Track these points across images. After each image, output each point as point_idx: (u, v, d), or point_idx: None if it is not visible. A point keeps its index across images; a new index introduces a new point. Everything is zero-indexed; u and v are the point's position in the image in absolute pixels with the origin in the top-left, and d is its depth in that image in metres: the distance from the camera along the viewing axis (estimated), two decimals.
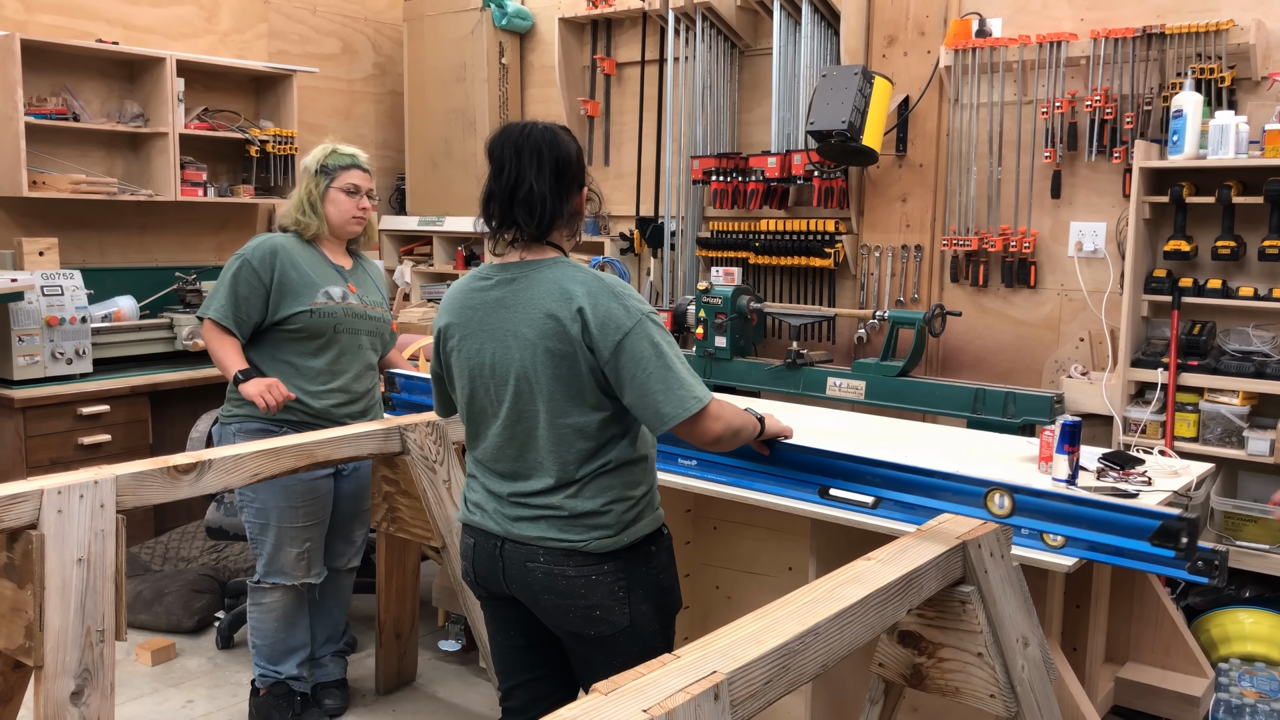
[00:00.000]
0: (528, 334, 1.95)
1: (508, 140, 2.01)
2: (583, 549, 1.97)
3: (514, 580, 2.04)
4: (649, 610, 2.04)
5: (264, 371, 2.98)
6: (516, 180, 1.98)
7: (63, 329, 4.07)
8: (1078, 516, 2.15)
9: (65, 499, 2.10)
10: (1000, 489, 2.24)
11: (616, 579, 1.99)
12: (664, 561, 2.09)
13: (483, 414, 2.06)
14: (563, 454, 1.97)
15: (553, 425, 1.96)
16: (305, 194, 3.07)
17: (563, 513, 1.98)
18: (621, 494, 2.01)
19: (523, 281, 1.99)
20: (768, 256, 4.42)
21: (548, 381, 1.94)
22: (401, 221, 5.79)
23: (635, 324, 1.91)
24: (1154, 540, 2.04)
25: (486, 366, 2.01)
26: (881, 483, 2.42)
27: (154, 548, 4.24)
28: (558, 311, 1.93)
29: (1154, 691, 2.87)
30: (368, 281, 3.21)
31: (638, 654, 1.85)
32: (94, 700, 2.14)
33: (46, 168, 4.44)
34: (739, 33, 4.57)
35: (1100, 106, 3.62)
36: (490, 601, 2.16)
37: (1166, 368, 3.40)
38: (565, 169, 2.01)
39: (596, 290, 1.94)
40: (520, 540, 2.01)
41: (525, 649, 2.16)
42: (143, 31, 4.85)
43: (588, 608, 1.98)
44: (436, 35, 5.50)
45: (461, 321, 2.05)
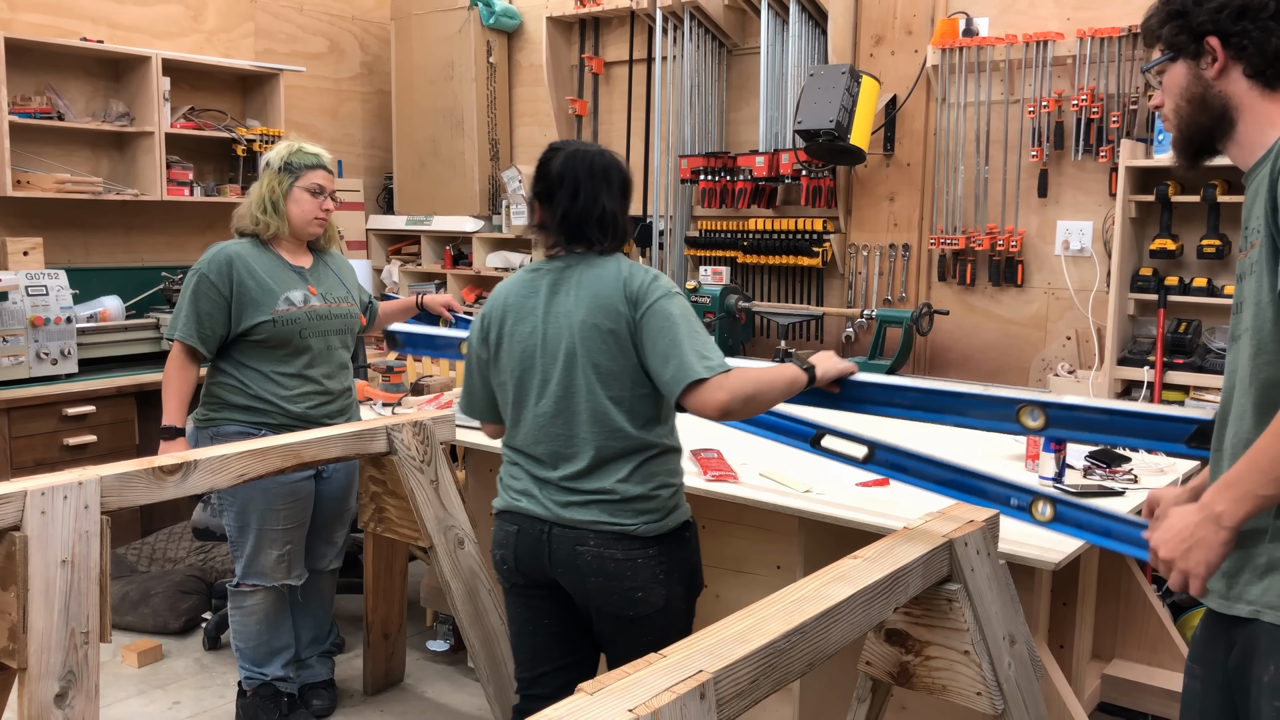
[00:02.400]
0: (578, 312, 2.12)
1: (580, 163, 2.19)
2: (632, 532, 2.10)
3: (561, 564, 2.14)
4: (681, 591, 2.18)
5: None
6: (592, 201, 2.17)
7: (48, 329, 4.04)
8: (1112, 425, 2.08)
9: (49, 500, 2.08)
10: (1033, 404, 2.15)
11: (659, 562, 2.13)
12: (694, 546, 2.25)
13: (527, 396, 2.18)
14: (605, 426, 2.10)
15: (596, 398, 2.10)
16: (267, 192, 3.00)
17: (614, 497, 2.10)
18: (666, 480, 2.17)
19: (574, 269, 2.17)
20: (756, 255, 4.43)
21: (595, 355, 2.10)
22: (389, 221, 5.78)
23: (663, 294, 2.09)
24: (1190, 442, 1.99)
25: (538, 346, 2.16)
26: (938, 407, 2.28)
27: (140, 549, 4.22)
28: (606, 290, 2.11)
29: (1140, 688, 2.88)
30: (330, 278, 3.13)
31: (663, 632, 2.03)
32: (78, 702, 2.13)
33: (31, 167, 4.41)
34: (727, 32, 4.57)
35: (1086, 106, 3.63)
36: (524, 590, 2.24)
37: (1152, 366, 3.41)
38: (628, 189, 2.25)
39: (639, 271, 2.14)
40: (570, 524, 2.12)
41: (558, 637, 2.25)
42: (128, 30, 4.82)
43: (631, 589, 2.11)
44: (424, 34, 5.48)
45: (516, 307, 2.21)
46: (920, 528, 1.91)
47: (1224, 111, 1.57)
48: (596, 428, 2.11)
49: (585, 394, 2.11)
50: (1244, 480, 1.42)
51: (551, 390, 2.14)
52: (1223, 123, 1.58)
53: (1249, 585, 1.51)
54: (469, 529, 2.91)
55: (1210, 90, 1.58)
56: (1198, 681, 1.65)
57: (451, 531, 2.87)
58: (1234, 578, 1.53)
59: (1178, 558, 1.47)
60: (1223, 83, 1.57)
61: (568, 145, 2.23)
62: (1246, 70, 1.55)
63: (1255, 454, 1.42)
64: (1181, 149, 1.66)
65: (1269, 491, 1.40)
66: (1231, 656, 1.54)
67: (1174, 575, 1.48)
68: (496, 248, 5.39)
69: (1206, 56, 1.57)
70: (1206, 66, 1.57)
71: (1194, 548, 1.45)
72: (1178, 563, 1.47)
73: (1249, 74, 1.54)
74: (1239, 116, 1.56)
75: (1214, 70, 1.56)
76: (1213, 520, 1.44)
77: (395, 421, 2.86)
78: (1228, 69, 1.56)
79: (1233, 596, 1.53)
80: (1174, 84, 1.62)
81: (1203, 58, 1.57)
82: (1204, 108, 1.59)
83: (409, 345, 3.36)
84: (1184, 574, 1.47)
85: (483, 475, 3.41)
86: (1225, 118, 1.57)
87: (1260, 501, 1.41)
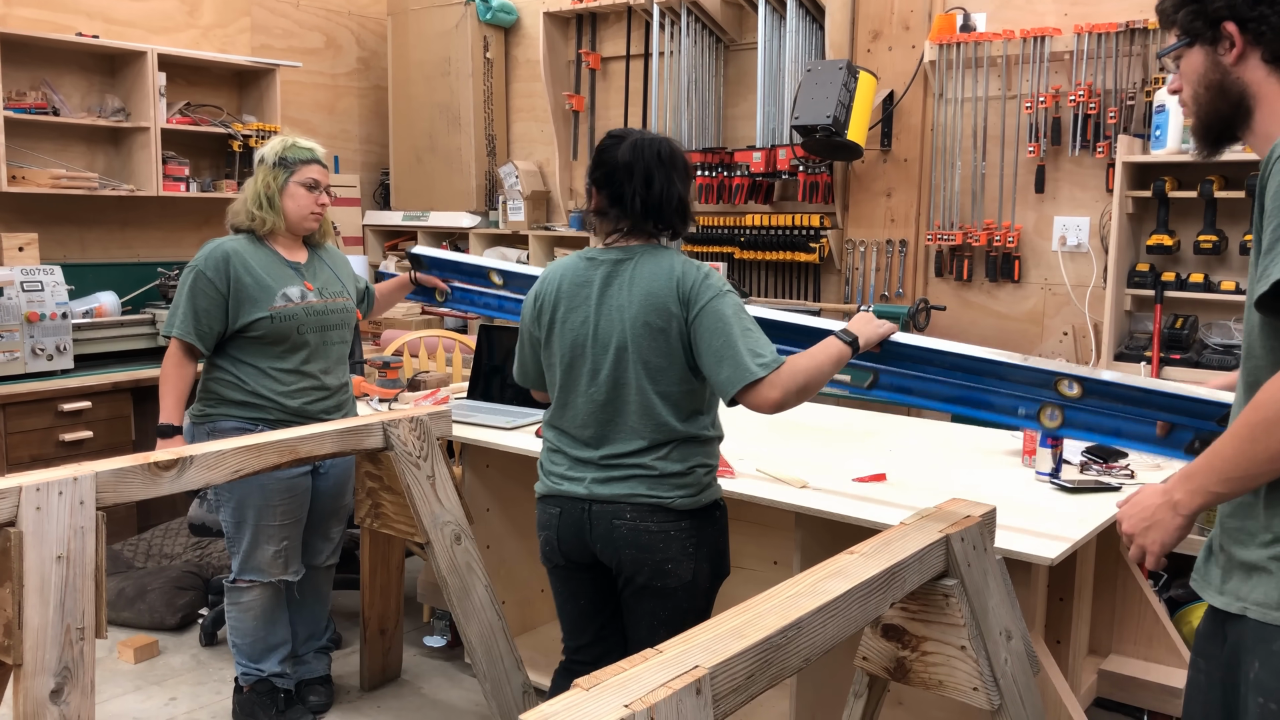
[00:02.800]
0: (630, 308, 2.19)
1: (649, 152, 2.23)
2: (667, 505, 2.20)
3: (600, 538, 2.24)
4: (708, 570, 2.27)
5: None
6: (664, 187, 2.22)
7: (43, 325, 4.04)
8: (1148, 401, 2.13)
9: (44, 496, 2.08)
10: (1071, 377, 2.20)
11: (689, 536, 2.22)
12: (724, 527, 2.34)
13: (576, 382, 2.26)
14: (652, 419, 2.19)
15: (644, 393, 2.19)
16: (262, 187, 2.99)
17: (653, 472, 2.20)
18: (703, 460, 2.25)
19: (629, 264, 2.23)
20: (753, 251, 4.42)
21: (645, 352, 2.18)
22: (386, 216, 5.77)
23: (716, 294, 2.15)
24: (1221, 423, 2.03)
25: (589, 337, 2.23)
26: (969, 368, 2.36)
27: (137, 545, 4.22)
28: (659, 289, 2.17)
29: (1137, 683, 2.88)
30: (326, 272, 3.12)
31: (686, 610, 2.22)
32: (74, 698, 2.13)
33: (26, 162, 4.40)
34: (724, 27, 4.57)
35: (1084, 101, 3.63)
36: (565, 570, 2.36)
37: (1149, 361, 3.41)
38: (689, 175, 2.31)
39: (691, 269, 2.19)
40: (609, 500, 2.22)
41: (593, 614, 2.39)
42: (123, 25, 4.81)
43: (662, 560, 2.21)
44: (421, 29, 5.47)
45: (569, 294, 2.27)
46: (917, 523, 1.91)
47: (1241, 99, 1.53)
48: (644, 419, 2.20)
49: (635, 388, 2.19)
50: (1200, 474, 1.49)
51: (602, 381, 2.22)
52: (1240, 110, 1.54)
53: (1240, 583, 1.52)
54: (466, 525, 2.91)
55: (1229, 77, 1.54)
56: (1201, 674, 1.66)
57: (448, 527, 2.86)
58: (1227, 574, 1.54)
59: (1137, 534, 1.57)
60: (1241, 69, 1.52)
61: (630, 133, 2.27)
62: (1265, 56, 1.50)
63: (1213, 452, 1.47)
64: (1201, 136, 1.62)
65: (1221, 490, 1.47)
66: (1224, 651, 1.55)
67: (1133, 549, 1.59)
68: (493, 243, 5.39)
69: (1224, 42, 1.52)
70: (1224, 52, 1.53)
71: (1152, 527, 1.55)
72: (1137, 538, 1.58)
73: (1267, 59, 1.50)
74: (1256, 105, 1.52)
75: (1232, 56, 1.52)
76: (1170, 506, 1.52)
77: (392, 417, 2.86)
78: (1246, 55, 1.51)
79: (1226, 592, 1.54)
80: (1191, 70, 1.58)
81: (1220, 43, 1.53)
82: (1222, 94, 1.55)
83: (437, 268, 3.37)
84: (1141, 549, 1.58)
85: (479, 471, 3.41)
86: (1243, 106, 1.53)
87: (1213, 497, 1.49)
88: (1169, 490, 1.53)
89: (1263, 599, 1.47)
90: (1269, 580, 1.47)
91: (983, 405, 2.35)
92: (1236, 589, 1.52)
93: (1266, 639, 1.47)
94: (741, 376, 2.09)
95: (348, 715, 3.25)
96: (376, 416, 2.89)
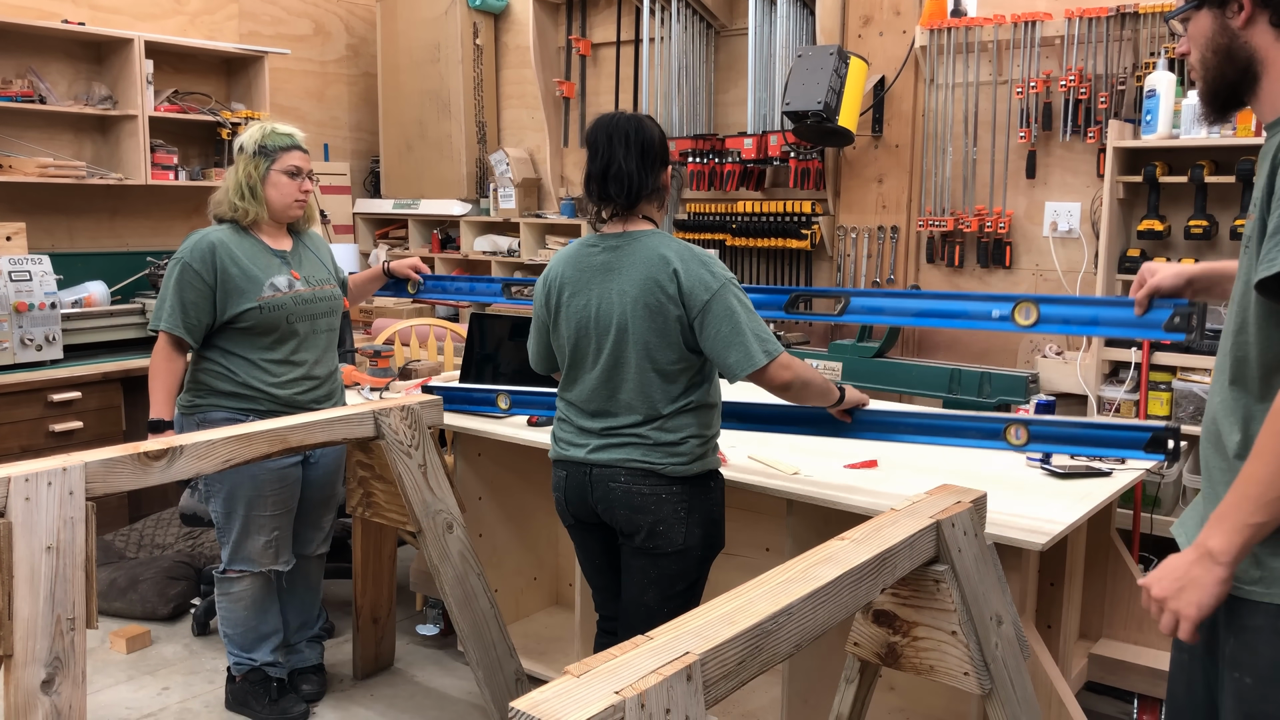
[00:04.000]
0: (629, 290, 2.29)
1: (601, 128, 2.35)
2: (659, 470, 2.31)
3: (600, 500, 2.38)
4: (699, 536, 2.37)
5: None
6: (609, 161, 2.31)
7: (31, 315, 4.02)
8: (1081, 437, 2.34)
9: (33, 486, 2.07)
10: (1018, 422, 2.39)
11: (681, 500, 2.33)
12: (718, 498, 2.44)
13: (583, 360, 2.39)
14: (649, 395, 2.31)
15: (642, 370, 2.30)
16: (244, 177, 2.94)
17: (648, 440, 2.32)
18: (698, 430, 2.35)
19: (625, 249, 2.33)
20: (744, 238, 4.42)
21: (643, 332, 2.28)
22: (376, 204, 5.75)
23: (720, 287, 2.25)
24: (1147, 448, 2.23)
25: (592, 318, 2.35)
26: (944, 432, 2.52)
27: (129, 535, 4.21)
28: (656, 274, 2.27)
29: (1127, 667, 2.90)
30: (312, 259, 3.10)
31: (675, 574, 2.36)
32: (65, 688, 2.12)
33: (13, 151, 4.37)
34: (714, 13, 4.55)
35: (1075, 86, 3.62)
36: (577, 528, 2.53)
37: (1140, 347, 3.42)
38: (649, 149, 2.34)
39: (687, 257, 2.29)
40: (606, 464, 2.36)
41: (606, 569, 2.55)
42: (110, 12, 4.77)
43: (655, 522, 2.32)
44: (410, 16, 5.44)
45: (573, 279, 2.39)
46: (908, 509, 1.91)
47: (1249, 64, 1.52)
48: (641, 394, 2.32)
49: (634, 366, 2.31)
50: (1232, 512, 1.39)
51: (604, 360, 2.34)
52: (1248, 76, 1.52)
53: None
54: (458, 513, 2.90)
55: (1236, 41, 1.52)
56: (1184, 653, 1.68)
57: (440, 516, 2.86)
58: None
59: (1170, 597, 1.44)
60: (1249, 33, 1.50)
61: (606, 114, 2.38)
62: (1273, 19, 1.48)
63: (1242, 483, 1.39)
64: (1208, 100, 1.60)
65: (1262, 518, 1.37)
66: (1204, 629, 1.56)
67: (1165, 616, 1.45)
68: (484, 231, 5.37)
69: (1232, 5, 1.51)
70: (1233, 15, 1.51)
71: (1187, 588, 1.42)
72: (1169, 603, 1.44)
73: (1275, 23, 1.49)
74: (1263, 71, 1.51)
75: (1240, 19, 1.51)
76: (1208, 558, 1.40)
77: (383, 406, 2.85)
78: (1254, 18, 1.50)
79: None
80: (1199, 33, 1.56)
81: (1228, 6, 1.51)
82: (1230, 59, 1.53)
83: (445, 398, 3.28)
84: (1175, 614, 1.44)
85: (471, 459, 3.40)
86: (1250, 71, 1.52)
87: (1254, 530, 1.38)
88: (1201, 543, 1.42)
89: (1237, 574, 1.46)
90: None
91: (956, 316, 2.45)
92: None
93: (1240, 614, 1.48)
94: (751, 363, 2.23)
95: (341, 704, 3.25)
96: (368, 405, 2.89)
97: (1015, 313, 2.35)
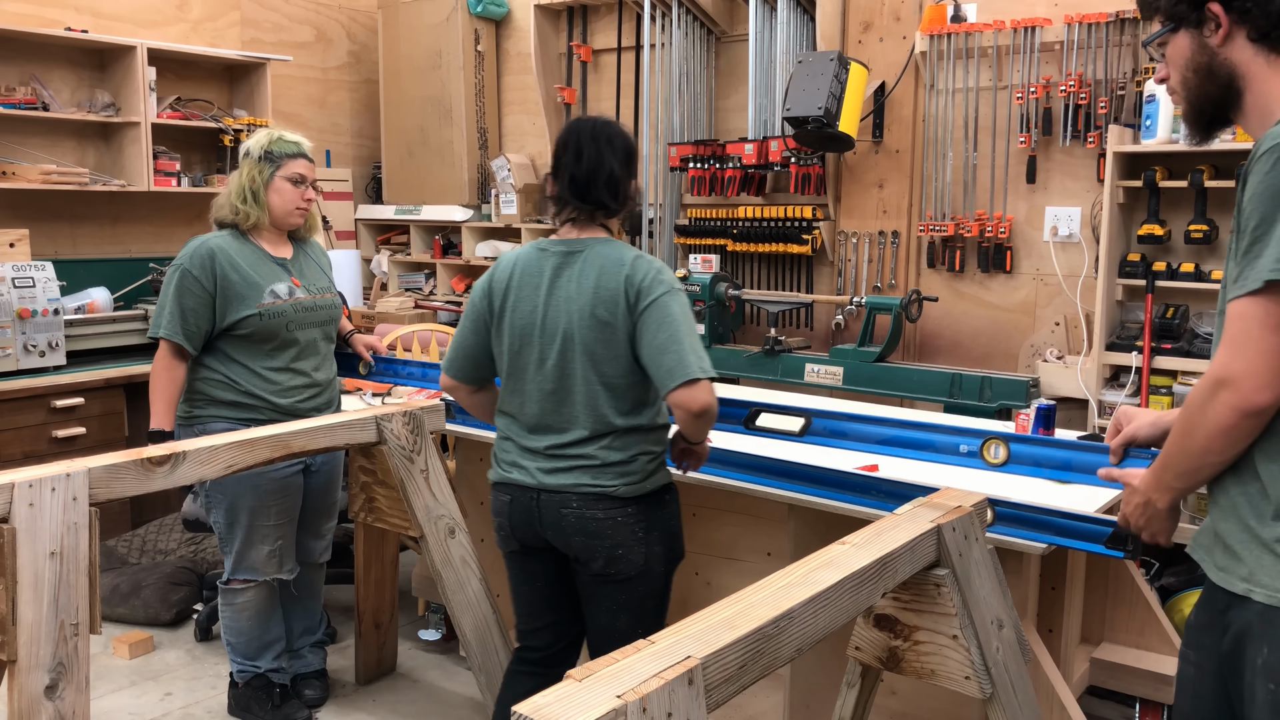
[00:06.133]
0: (580, 299, 2.22)
1: (584, 130, 2.29)
2: (611, 493, 2.24)
3: (549, 526, 2.29)
4: (660, 552, 2.31)
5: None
6: (597, 164, 2.26)
7: (34, 321, 4.03)
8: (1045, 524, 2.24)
9: (36, 492, 2.07)
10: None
11: (638, 521, 2.26)
12: (675, 511, 2.39)
13: (525, 370, 2.30)
14: (597, 409, 2.23)
15: (589, 383, 2.23)
16: (247, 181, 2.95)
17: (595, 461, 2.24)
18: (646, 448, 2.29)
19: (580, 255, 2.26)
20: (746, 243, 4.42)
21: (590, 342, 2.21)
22: (378, 211, 5.76)
23: (665, 292, 2.19)
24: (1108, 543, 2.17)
25: (537, 325, 2.27)
26: None
27: (131, 540, 4.22)
28: (609, 282, 2.20)
29: (1129, 671, 2.89)
30: (312, 267, 3.11)
31: (643, 594, 2.29)
32: (69, 694, 2.13)
33: (16, 158, 4.39)
34: (715, 19, 4.56)
35: (1074, 91, 3.63)
36: (519, 554, 2.41)
37: (1140, 351, 3.42)
38: (632, 157, 2.33)
39: (642, 264, 2.23)
40: (556, 489, 2.26)
41: (549, 596, 2.43)
42: (112, 19, 4.79)
43: (613, 547, 2.25)
44: (411, 22, 5.46)
45: (519, 284, 2.30)
46: (908, 513, 1.92)
47: (1230, 81, 1.53)
48: (588, 409, 2.24)
49: (580, 378, 2.23)
50: (1158, 472, 1.61)
51: (549, 370, 2.26)
52: (1230, 92, 1.54)
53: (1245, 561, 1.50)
54: (459, 518, 2.91)
55: (1216, 59, 1.53)
56: (1191, 666, 1.65)
57: (442, 521, 2.86)
58: (1233, 554, 1.52)
59: (1143, 527, 1.68)
60: (1228, 50, 1.52)
61: (584, 117, 2.35)
62: (1251, 34, 1.50)
63: (1165, 449, 1.59)
64: (1193, 122, 1.62)
65: (1179, 484, 1.58)
66: (1225, 640, 1.53)
67: (1144, 535, 1.70)
68: (485, 237, 5.38)
69: (1210, 24, 1.52)
70: (1210, 34, 1.53)
71: (1149, 520, 1.66)
72: (1144, 531, 1.69)
73: (1253, 38, 1.50)
74: (1245, 86, 1.52)
75: (1219, 37, 1.52)
76: (1150, 504, 1.64)
77: (385, 411, 2.86)
78: (1232, 35, 1.51)
79: (1229, 570, 1.52)
80: (1178, 55, 1.58)
81: (1205, 25, 1.53)
82: (1211, 77, 1.54)
83: None
84: (1152, 536, 1.69)
85: (473, 464, 3.41)
86: (1232, 87, 1.53)
87: (1177, 491, 1.60)
88: (1144, 491, 1.64)
89: (1270, 581, 1.46)
90: (1277, 562, 1.45)
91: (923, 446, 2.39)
92: (1240, 567, 1.50)
93: (1275, 623, 1.45)
94: (684, 372, 2.13)
95: (343, 709, 3.25)
96: (369, 411, 2.89)
97: (984, 450, 2.31)
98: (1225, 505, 1.54)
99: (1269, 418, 1.45)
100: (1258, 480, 1.49)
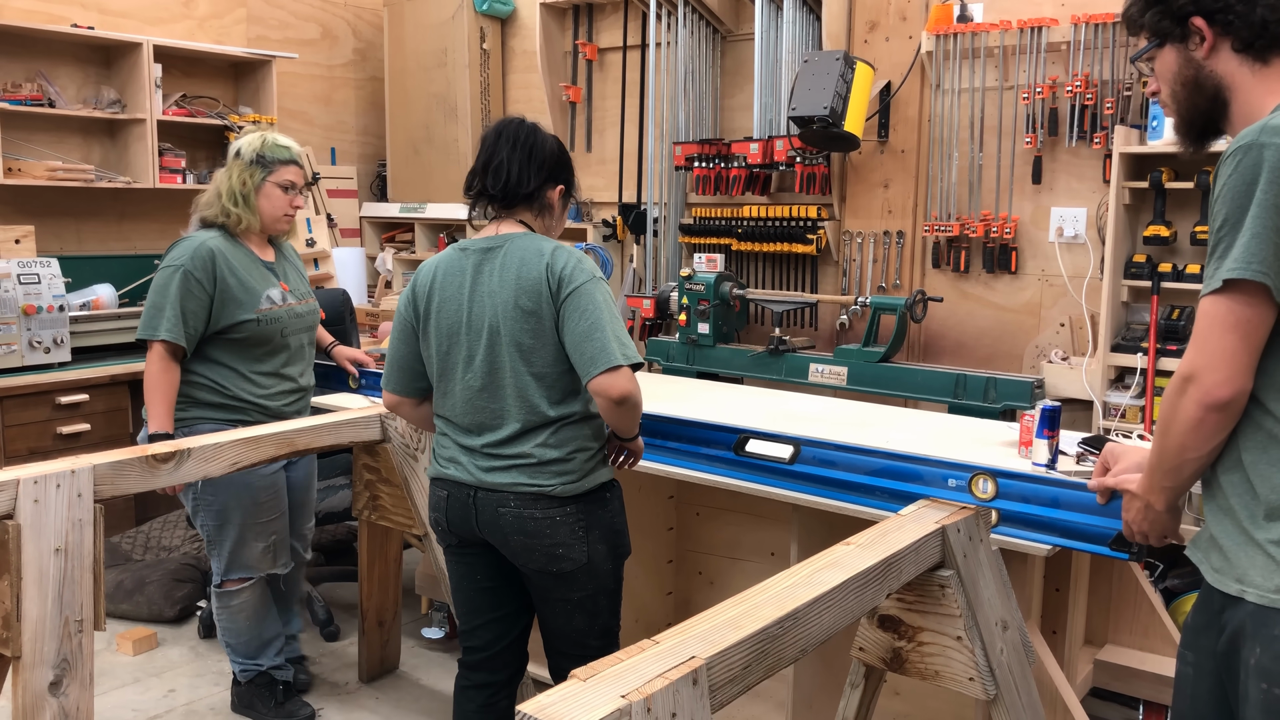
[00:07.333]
0: (502, 292, 2.21)
1: (493, 128, 2.35)
2: (549, 492, 2.21)
3: (486, 525, 2.26)
4: (604, 550, 2.29)
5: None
6: (491, 155, 2.31)
7: (40, 317, 4.03)
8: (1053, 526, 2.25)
9: (42, 488, 2.08)
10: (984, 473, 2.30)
11: (577, 520, 2.24)
12: (617, 508, 2.35)
13: (454, 370, 2.28)
14: (527, 401, 2.21)
15: (518, 374, 2.21)
16: (237, 184, 2.92)
17: (532, 460, 2.22)
18: (584, 444, 2.26)
19: (500, 250, 2.26)
20: (750, 243, 4.42)
21: (517, 334, 2.20)
22: (383, 208, 5.76)
23: (587, 280, 2.19)
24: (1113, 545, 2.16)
25: (463, 324, 2.25)
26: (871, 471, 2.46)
27: (135, 537, 4.22)
28: (529, 272, 2.20)
29: (1133, 673, 2.89)
30: (294, 272, 3.12)
31: (593, 591, 2.27)
32: (73, 690, 2.13)
33: (22, 154, 4.39)
34: (721, 18, 4.56)
35: (1081, 92, 3.62)
36: (458, 549, 2.38)
37: (1146, 352, 3.42)
38: (537, 154, 2.31)
39: (561, 253, 2.23)
40: (492, 488, 2.24)
41: (489, 591, 2.38)
42: (118, 16, 4.80)
43: (552, 546, 2.22)
44: (417, 20, 5.46)
45: (441, 285, 2.30)
46: (913, 514, 1.92)
47: (1217, 92, 1.57)
48: (520, 401, 2.22)
49: (509, 370, 2.22)
50: (1151, 474, 1.63)
51: (477, 366, 2.24)
52: (1218, 103, 1.58)
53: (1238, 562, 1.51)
54: None
55: (1202, 71, 1.58)
56: (1189, 667, 1.66)
57: None
58: (1227, 555, 1.54)
59: (1146, 530, 1.70)
60: (1213, 62, 1.56)
61: (505, 118, 2.38)
62: (1235, 45, 1.54)
63: (1150, 454, 1.63)
64: (1184, 133, 1.66)
65: (1167, 483, 1.61)
66: (1221, 641, 1.55)
67: (1153, 539, 1.72)
68: None
69: (1194, 37, 1.57)
70: (1196, 47, 1.57)
71: (1152, 523, 1.68)
72: (1151, 535, 1.70)
73: (1238, 49, 1.54)
74: (1232, 96, 1.56)
75: (1204, 50, 1.56)
76: (1149, 507, 1.66)
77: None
78: (1217, 47, 1.56)
79: (1223, 571, 1.54)
80: (1166, 69, 1.62)
81: (1190, 39, 1.57)
82: (1199, 89, 1.59)
83: None
84: (1160, 538, 1.71)
85: None
86: (1219, 98, 1.57)
87: (1169, 491, 1.62)
88: (1143, 494, 1.67)
89: (1262, 581, 1.47)
90: (1269, 563, 1.47)
91: (911, 478, 2.40)
92: (1235, 570, 1.51)
93: (1267, 623, 1.47)
94: (606, 359, 2.13)
95: (346, 706, 3.26)
96: (374, 409, 2.90)
97: (972, 485, 2.32)
98: (1218, 507, 1.57)
99: (1236, 412, 1.49)
100: (1247, 482, 1.51)
